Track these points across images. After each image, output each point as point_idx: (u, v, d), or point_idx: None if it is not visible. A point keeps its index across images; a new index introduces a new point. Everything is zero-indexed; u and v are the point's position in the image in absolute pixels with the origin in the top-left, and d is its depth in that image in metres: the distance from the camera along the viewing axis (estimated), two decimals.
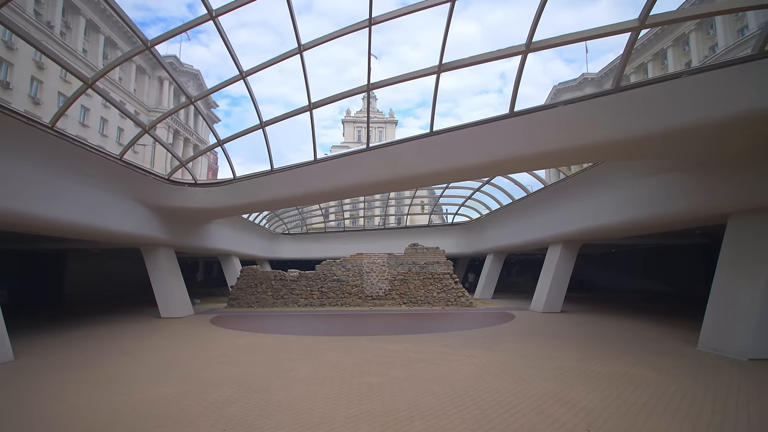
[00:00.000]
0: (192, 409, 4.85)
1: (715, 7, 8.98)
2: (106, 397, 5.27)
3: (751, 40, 25.07)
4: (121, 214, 11.49)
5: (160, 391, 5.53)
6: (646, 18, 6.48)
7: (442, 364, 6.98)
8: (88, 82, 8.21)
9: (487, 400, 5.03)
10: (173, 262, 14.88)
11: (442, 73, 8.61)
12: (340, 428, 4.19)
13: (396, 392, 5.38)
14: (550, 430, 4.11)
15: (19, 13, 23.78)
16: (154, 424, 4.35)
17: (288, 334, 10.50)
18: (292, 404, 4.96)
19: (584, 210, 12.82)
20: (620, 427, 4.17)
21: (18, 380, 6.13)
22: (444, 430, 4.12)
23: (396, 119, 69.37)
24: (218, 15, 7.71)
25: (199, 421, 4.43)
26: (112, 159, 10.44)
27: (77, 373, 6.57)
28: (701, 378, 5.97)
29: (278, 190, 12.14)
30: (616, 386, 5.58)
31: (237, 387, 5.72)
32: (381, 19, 7.96)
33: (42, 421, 4.41)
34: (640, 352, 7.83)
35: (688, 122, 6.40)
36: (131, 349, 8.52)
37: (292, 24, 8.29)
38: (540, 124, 7.91)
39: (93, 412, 4.74)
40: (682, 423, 4.25)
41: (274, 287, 17.74)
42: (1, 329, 7.35)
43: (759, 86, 5.84)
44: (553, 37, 7.42)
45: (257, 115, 11.07)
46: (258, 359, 7.51)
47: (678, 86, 6.56)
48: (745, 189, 7.36)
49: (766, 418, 4.40)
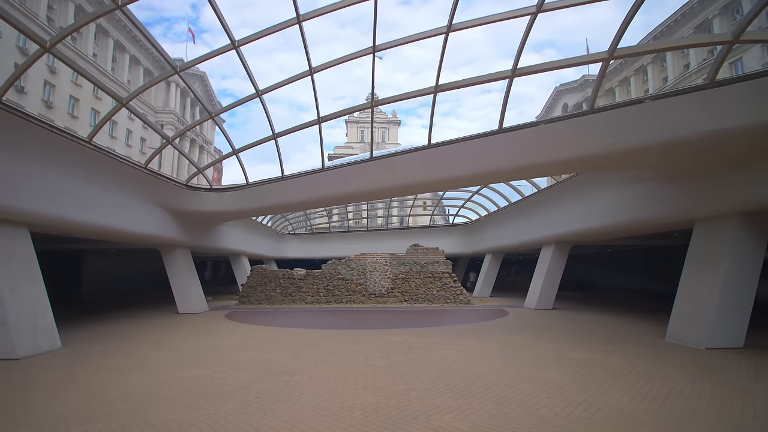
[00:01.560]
0: (225, 386, 5.84)
1: (667, 44, 9.97)
2: (151, 377, 6.28)
3: (693, 75, 29.92)
4: (144, 217, 12.51)
5: (195, 372, 6.54)
6: (614, 51, 7.42)
7: (436, 351, 7.97)
8: (123, 102, 9.23)
9: (471, 379, 6.01)
10: (189, 261, 15.92)
11: (439, 92, 9.56)
12: (350, 397, 5.17)
13: (396, 372, 6.37)
14: (518, 397, 5.08)
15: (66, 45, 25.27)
16: (197, 396, 5.35)
17: (299, 327, 11.50)
18: (309, 382, 5.95)
19: (573, 213, 13.75)
20: (577, 396, 5.13)
21: (72, 364, 7.15)
22: (432, 398, 5.10)
23: (399, 119, 70.10)
24: (240, 45, 8.64)
25: (233, 395, 5.42)
26: (139, 167, 11.46)
27: (119, 358, 7.59)
28: (659, 362, 6.92)
29: (288, 195, 13.13)
30: (584, 369, 6.55)
31: (260, 370, 6.71)
32: (384, 47, 8.90)
33: (103, 396, 5.40)
34: (613, 343, 8.78)
35: (648, 140, 7.36)
36: (160, 340, 9.55)
37: (305, 51, 9.24)
38: (525, 140, 8.87)
39: (142, 387, 5.74)
40: (631, 395, 5.20)
41: (282, 285, 18.77)
42: (51, 322, 8.40)
43: (709, 111, 6.77)
44: (536, 64, 8.38)
45: (270, 126, 12.01)
46: (275, 347, 8.52)
47: (643, 109, 7.51)
48: (704, 199, 8.30)
49: (703, 393, 5.33)
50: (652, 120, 7.37)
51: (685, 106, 7.01)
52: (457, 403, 4.95)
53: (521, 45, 8.17)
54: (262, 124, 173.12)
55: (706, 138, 6.88)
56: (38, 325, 8.06)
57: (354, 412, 4.66)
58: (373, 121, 11.43)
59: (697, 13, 29.57)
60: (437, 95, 9.60)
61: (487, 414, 4.56)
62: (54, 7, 28.27)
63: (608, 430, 4.11)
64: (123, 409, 4.78)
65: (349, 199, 13.23)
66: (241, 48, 8.76)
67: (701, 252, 8.71)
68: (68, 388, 5.67)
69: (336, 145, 67.00)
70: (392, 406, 4.85)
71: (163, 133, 11.63)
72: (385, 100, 10.02)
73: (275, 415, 4.57)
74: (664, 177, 9.25)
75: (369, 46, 8.74)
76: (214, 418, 4.50)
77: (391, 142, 66.47)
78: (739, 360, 7.09)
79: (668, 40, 29.64)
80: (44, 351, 7.97)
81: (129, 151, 33.77)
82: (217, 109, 49.97)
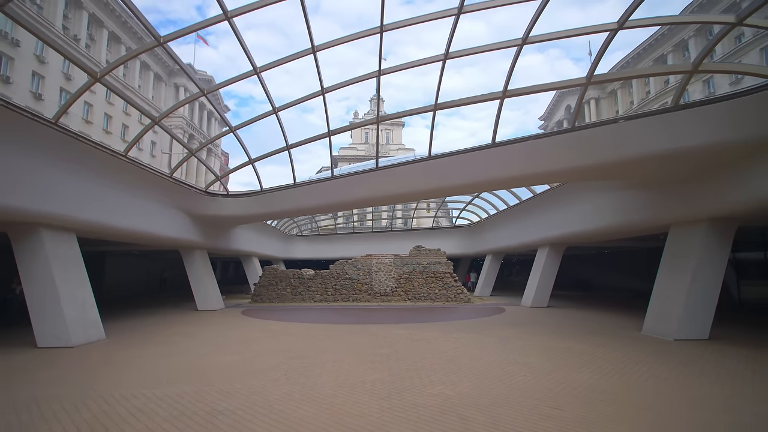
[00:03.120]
0: (254, 368, 6.93)
1: (633, 72, 11.12)
2: (191, 360, 7.39)
3: (652, 102, 35.77)
4: (168, 221, 13.67)
5: (227, 358, 7.64)
6: (591, 77, 8.45)
7: (435, 342, 9.03)
8: (155, 120, 10.36)
9: (463, 362, 7.07)
10: (207, 262, 17.09)
11: (438, 110, 10.62)
12: (361, 375, 6.25)
13: (399, 358, 7.45)
14: (500, 375, 6.13)
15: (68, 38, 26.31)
16: (234, 374, 6.44)
17: (311, 322, 12.60)
18: (325, 365, 7.03)
19: (566, 217, 14.74)
20: (549, 374, 6.17)
21: (120, 350, 8.28)
22: (429, 375, 6.15)
23: (403, 121, 71.23)
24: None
25: (264, 373, 6.51)
26: (164, 177, 12.60)
27: (159, 347, 8.72)
28: (629, 351, 7.94)
29: (300, 201, 14.24)
30: (562, 355, 7.58)
31: (282, 356, 7.80)
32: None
33: (151, 375, 6.50)
34: (595, 335, 9.79)
35: (619, 156, 8.40)
36: (188, 332, 10.68)
37: (318, 75, 10.34)
38: (513, 154, 9.91)
39: (187, 368, 6.85)
40: (594, 374, 6.22)
41: (292, 284, 19.90)
42: (96, 316, 9.56)
43: (671, 132, 7.79)
44: (526, 86, 9.40)
45: (284, 139, 13.10)
46: (292, 339, 9.62)
47: (615, 129, 8.54)
48: (676, 206, 9.30)
49: (657, 372, 6.34)
50: (623, 138, 8.40)
51: (650, 127, 8.03)
52: (448, 378, 6.02)
53: (510, 71, 9.21)
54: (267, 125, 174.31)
55: (667, 155, 7.90)
56: (87, 319, 9.22)
57: (365, 384, 5.74)
58: (378, 132, 12.49)
59: (655, 48, 36.12)
60: (436, 113, 10.65)
61: (471, 385, 5.62)
62: (69, 17, 29.48)
63: (564, 395, 5.16)
64: (179, 382, 5.88)
65: (356, 205, 14.31)
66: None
67: (674, 254, 9.71)
68: (127, 368, 6.81)
69: (341, 146, 68.15)
70: (395, 381, 5.92)
71: (187, 145, 12.77)
72: (390, 116, 11.08)
73: (302, 387, 5.65)
74: (645, 186, 10.26)
75: (375, 70, 9.80)
76: (252, 389, 5.59)
77: (395, 144, 67.67)
78: (696, 348, 8.09)
79: (635, 69, 35.94)
80: (93, 341, 9.13)
81: (140, 155, 35.19)
82: (221, 106, 51.25)
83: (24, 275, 8.63)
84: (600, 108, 45.93)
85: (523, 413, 4.56)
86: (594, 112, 45.42)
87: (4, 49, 23.47)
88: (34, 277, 8.61)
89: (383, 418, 4.43)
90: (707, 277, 8.92)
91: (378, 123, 11.34)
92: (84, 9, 30.17)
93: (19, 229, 8.57)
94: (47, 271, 8.62)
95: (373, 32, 9.04)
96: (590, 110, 45.97)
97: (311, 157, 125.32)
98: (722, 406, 4.83)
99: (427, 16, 8.78)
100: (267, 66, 9.74)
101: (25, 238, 8.63)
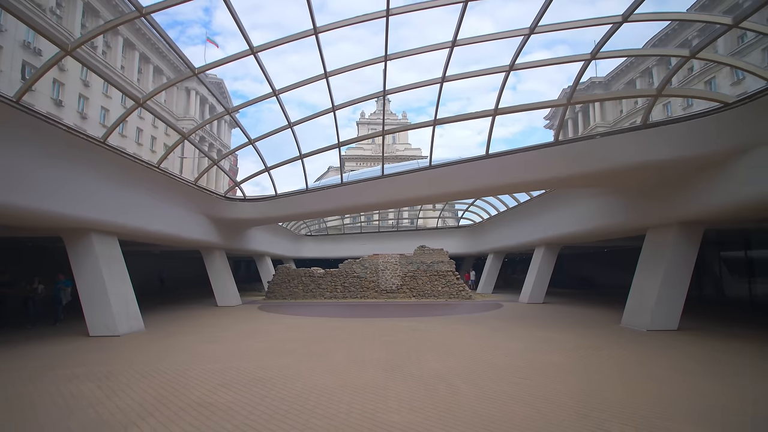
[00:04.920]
0: (281, 350, 8.19)
1: (607, 95, 12.12)
2: (225, 346, 8.68)
3: (623, 120, 40.45)
4: (192, 224, 15.00)
5: (256, 344, 8.92)
6: (571, 97, 9.59)
7: (434, 332, 10.24)
8: (185, 135, 11.67)
9: (456, 347, 8.28)
10: (225, 261, 18.45)
11: (438, 125, 11.81)
12: (369, 355, 7.48)
13: (401, 343, 8.67)
14: (485, 356, 7.32)
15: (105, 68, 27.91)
16: (268, 354, 7.70)
17: (323, 316, 13.87)
18: (340, 349, 8.27)
19: (559, 219, 15.83)
20: (526, 355, 7.36)
21: (162, 338, 9.61)
22: (425, 355, 7.36)
23: (408, 122, 72.43)
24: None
25: (289, 354, 7.76)
26: (190, 184, 13.93)
27: (194, 336, 10.04)
28: (603, 339, 9.08)
29: (311, 205, 15.51)
30: (542, 342, 8.76)
31: (301, 342, 9.06)
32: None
33: (196, 356, 7.79)
34: (578, 327, 10.94)
35: (598, 167, 9.54)
36: (216, 324, 12.01)
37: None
38: (506, 164, 11.07)
39: (223, 351, 8.14)
40: (564, 356, 7.38)
41: (304, 282, 21.23)
42: (137, 309, 10.91)
43: (639, 147, 8.91)
44: (513, 105, 10.60)
45: (297, 148, 14.36)
46: (308, 329, 10.89)
47: (593, 144, 9.67)
48: (652, 211, 10.40)
49: (619, 355, 7.48)
50: (600, 151, 9.53)
51: (622, 142, 9.16)
52: (441, 358, 7.24)
53: (500, 91, 10.36)
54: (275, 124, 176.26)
55: (638, 167, 9.03)
56: (129, 311, 10.58)
57: (372, 362, 6.98)
58: (384, 149, 13.71)
59: (626, 73, 40.84)
60: (435, 128, 11.84)
61: (459, 364, 6.83)
62: (63, 5, 29.68)
63: (532, 369, 6.35)
64: (221, 360, 7.16)
65: (363, 209, 15.57)
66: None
67: (649, 253, 10.82)
68: (175, 351, 8.14)
69: (348, 146, 69.38)
70: (397, 359, 7.15)
71: (210, 156, 14.08)
72: (393, 130, 12.29)
73: (322, 363, 6.90)
74: (625, 192, 11.36)
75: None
76: (281, 365, 6.85)
77: (401, 143, 68.77)
78: (663, 337, 9.23)
79: (610, 92, 42.32)
80: (135, 331, 10.49)
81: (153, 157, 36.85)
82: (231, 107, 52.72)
83: (77, 273, 10.00)
84: (604, 108, 46.42)
85: (495, 381, 5.76)
86: (598, 112, 46.05)
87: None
88: (86, 275, 9.97)
89: (386, 383, 5.66)
90: (677, 275, 10.01)
91: (383, 135, 12.53)
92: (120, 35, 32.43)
93: (74, 234, 9.93)
94: (97, 270, 9.98)
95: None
96: (594, 111, 46.65)
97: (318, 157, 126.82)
98: (648, 375, 6.01)
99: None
100: (285, 89, 10.96)
101: (78, 242, 9.99)
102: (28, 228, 9.55)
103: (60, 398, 5.09)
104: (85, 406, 4.82)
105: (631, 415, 4.43)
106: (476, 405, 4.78)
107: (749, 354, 7.50)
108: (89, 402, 4.95)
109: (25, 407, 4.77)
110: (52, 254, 19.61)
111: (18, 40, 23.78)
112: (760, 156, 7.40)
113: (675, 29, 32.92)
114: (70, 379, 5.99)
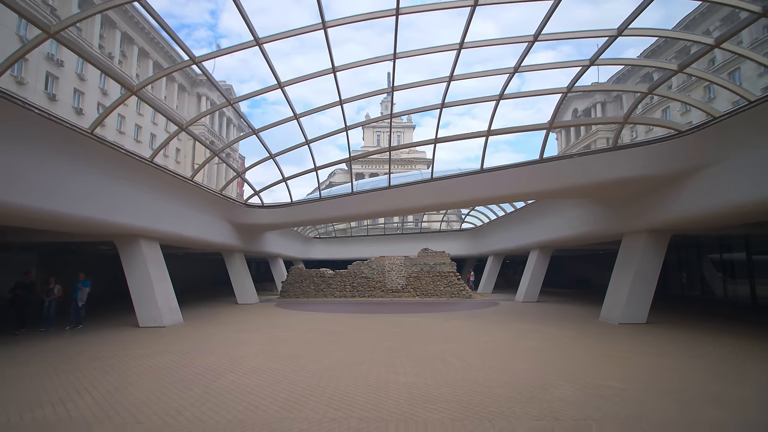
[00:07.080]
0: (303, 339, 9.77)
1: (584, 121, 13.60)
2: (256, 335, 10.29)
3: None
4: (217, 229, 16.67)
5: (281, 334, 10.51)
6: (552, 121, 11.12)
7: (435, 325, 11.79)
8: (216, 152, 13.31)
9: (454, 336, 9.83)
10: (244, 262, 20.11)
11: (438, 143, 13.38)
12: (378, 343, 9.04)
13: (405, 334, 10.24)
14: (475, 343, 8.86)
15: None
16: (294, 341, 9.29)
17: (335, 313, 15.46)
18: (352, 337, 9.84)
19: (550, 225, 17.33)
20: (508, 342, 8.89)
21: (203, 329, 11.23)
22: (426, 341, 8.91)
23: (413, 124, 73.87)
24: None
25: (311, 342, 9.33)
26: (216, 194, 15.59)
27: (227, 326, 11.66)
28: (578, 330, 10.58)
29: (324, 212, 17.12)
30: (525, 332, 10.28)
31: (320, 332, 10.64)
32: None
33: (235, 341, 9.39)
34: (561, 321, 12.43)
35: (576, 182, 11.06)
36: (242, 318, 13.63)
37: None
38: (499, 178, 12.62)
39: (255, 339, 9.74)
40: (540, 342, 8.89)
41: (315, 282, 22.85)
42: (176, 305, 12.55)
43: (610, 166, 10.42)
44: (506, 127, 12.13)
45: (312, 160, 15.95)
46: (323, 323, 12.48)
47: (572, 162, 11.20)
48: (624, 220, 11.90)
49: (585, 343, 8.96)
50: (578, 169, 11.06)
51: (596, 161, 10.68)
52: (439, 343, 8.80)
53: (493, 111, 11.90)
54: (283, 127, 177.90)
55: (610, 183, 10.55)
56: (170, 306, 12.23)
57: (381, 347, 8.55)
58: (391, 156, 15.29)
59: (628, 78, 40.94)
60: (437, 145, 13.40)
61: (454, 347, 8.39)
62: (104, 36, 30.95)
63: (511, 351, 7.88)
64: (255, 344, 8.75)
65: (371, 216, 17.14)
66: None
67: (623, 256, 12.30)
68: (216, 339, 9.76)
69: (353, 149, 70.84)
70: (402, 345, 8.72)
71: (234, 167, 15.71)
72: (398, 146, 13.85)
73: (340, 347, 8.48)
74: (604, 203, 12.86)
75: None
76: (306, 349, 8.43)
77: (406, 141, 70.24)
78: (630, 328, 10.70)
79: (586, 118, 46.74)
80: (176, 323, 12.14)
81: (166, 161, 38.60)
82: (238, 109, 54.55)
83: (128, 273, 11.67)
84: (606, 110, 47.29)
85: (481, 358, 7.31)
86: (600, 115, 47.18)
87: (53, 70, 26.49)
88: (136, 274, 11.65)
89: (394, 360, 7.24)
90: (645, 275, 11.49)
91: (390, 151, 14.11)
92: (117, 28, 33.00)
93: (127, 240, 11.61)
94: (145, 270, 11.64)
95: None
96: (595, 113, 47.53)
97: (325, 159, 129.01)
98: (602, 354, 7.53)
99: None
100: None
101: (129, 246, 11.67)
102: (94, 234, 11.19)
103: (152, 368, 6.72)
104: (176, 368, 6.48)
105: (576, 378, 5.96)
106: (463, 373, 6.34)
107: (698, 341, 8.96)
108: (178, 366, 6.61)
109: (126, 372, 6.40)
110: (76, 256, 21.28)
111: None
112: (704, 176, 8.90)
113: (661, 45, 34.74)
114: (152, 355, 7.66)
